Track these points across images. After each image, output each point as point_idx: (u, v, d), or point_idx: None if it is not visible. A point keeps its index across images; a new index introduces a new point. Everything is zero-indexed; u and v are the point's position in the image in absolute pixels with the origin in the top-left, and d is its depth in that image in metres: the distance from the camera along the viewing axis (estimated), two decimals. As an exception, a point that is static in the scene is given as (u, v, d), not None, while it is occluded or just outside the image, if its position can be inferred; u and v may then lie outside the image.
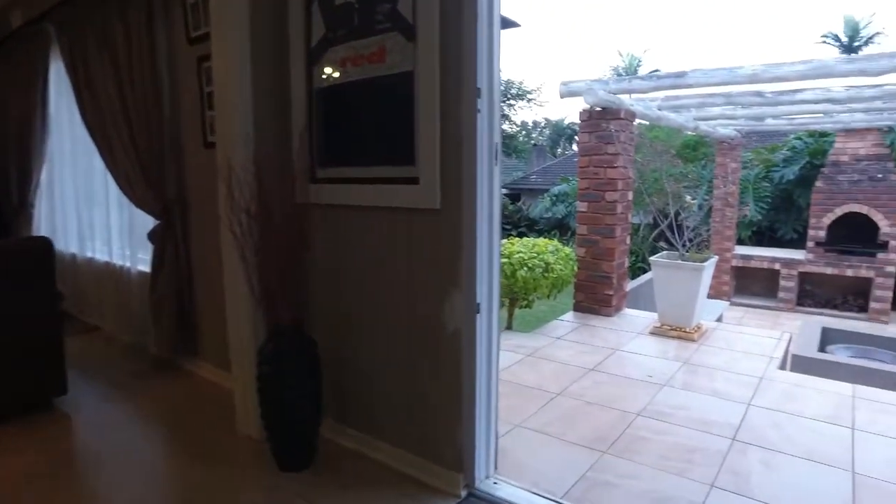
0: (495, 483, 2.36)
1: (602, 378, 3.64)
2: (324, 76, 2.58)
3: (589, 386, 3.51)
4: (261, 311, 2.50)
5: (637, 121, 5.83)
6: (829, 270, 8.80)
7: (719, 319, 7.39)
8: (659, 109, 6.14)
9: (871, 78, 4.36)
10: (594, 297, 5.08)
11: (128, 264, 4.09)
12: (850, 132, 8.67)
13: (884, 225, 8.43)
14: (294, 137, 2.67)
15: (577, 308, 5.20)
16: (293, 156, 2.68)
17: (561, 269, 4.50)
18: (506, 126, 20.22)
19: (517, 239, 4.83)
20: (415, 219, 2.29)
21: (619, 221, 4.91)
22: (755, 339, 4.43)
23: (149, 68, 3.39)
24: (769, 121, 7.71)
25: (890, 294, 8.45)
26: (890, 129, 8.94)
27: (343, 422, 2.73)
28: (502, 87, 18.21)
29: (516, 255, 4.44)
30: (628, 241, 5.17)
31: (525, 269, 4.37)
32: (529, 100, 20.05)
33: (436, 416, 2.38)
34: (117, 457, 2.65)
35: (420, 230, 2.30)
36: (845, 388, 3.49)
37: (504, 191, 17.18)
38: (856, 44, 24.06)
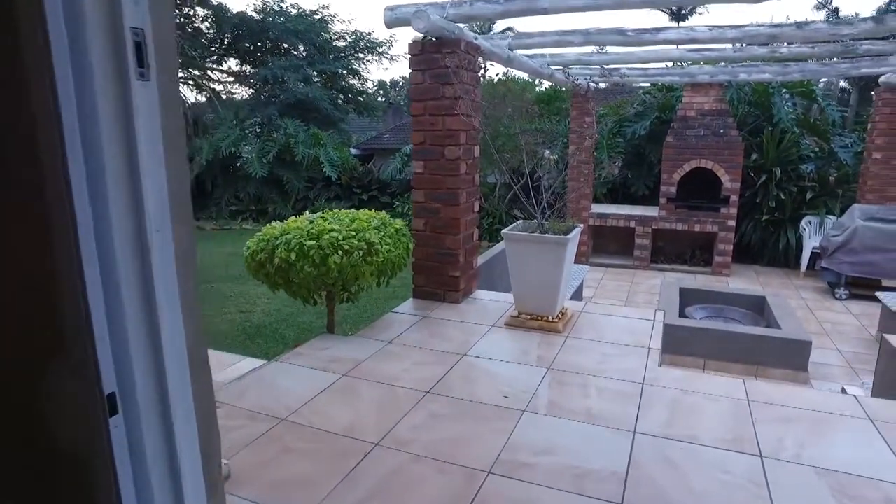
0: None
1: (442, 406, 2.62)
2: None
3: (423, 423, 2.47)
4: None
5: (486, 65, 4.80)
6: (679, 226, 8.71)
7: (581, 287, 6.87)
8: (510, 49, 5.17)
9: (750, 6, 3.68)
10: (437, 280, 4.04)
11: None
12: (696, 87, 8.51)
13: (726, 180, 8.44)
14: None
15: (418, 294, 4.14)
16: None
17: (389, 250, 3.39)
18: (355, 82, 18.52)
19: (332, 212, 3.62)
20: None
21: (463, 184, 3.86)
22: (627, 322, 3.68)
23: None
24: (624, 69, 7.16)
25: (731, 248, 8.57)
26: (729, 84, 8.95)
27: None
28: (350, 39, 16.32)
29: (328, 235, 3.24)
30: (477, 207, 4.18)
31: (339, 253, 3.20)
32: (380, 53, 18.43)
33: None
34: None
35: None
36: (736, 387, 2.79)
37: (355, 151, 15.78)
38: (683, 12, 25.63)
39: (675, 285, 6.64)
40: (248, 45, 17.54)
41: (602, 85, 10.43)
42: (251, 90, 17.77)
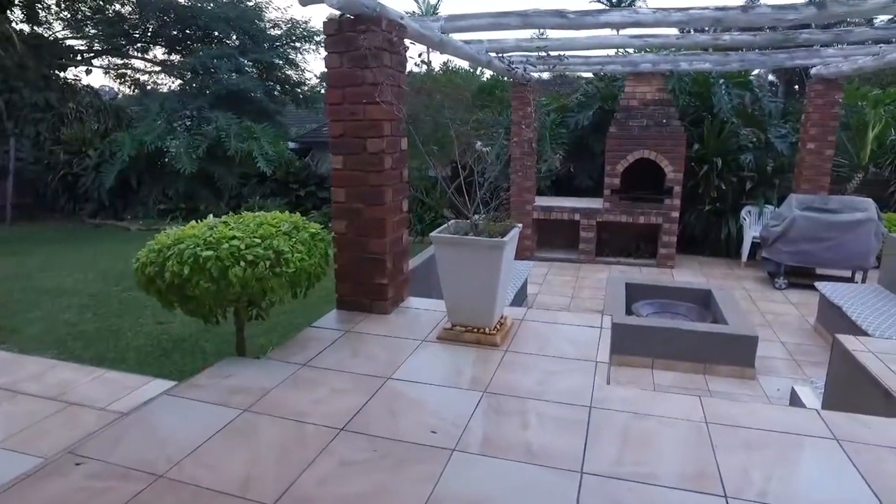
0: None
1: (358, 448, 2.19)
2: None
3: (332, 473, 2.04)
4: None
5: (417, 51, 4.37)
6: (624, 219, 8.56)
7: (525, 284, 6.59)
8: (443, 32, 4.76)
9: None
10: (363, 289, 3.59)
11: None
12: (638, 76, 8.36)
13: (669, 171, 8.35)
14: None
15: (342, 305, 3.68)
16: None
17: (302, 259, 2.93)
18: (292, 72, 17.67)
19: (237, 216, 3.12)
20: None
21: (388, 181, 3.42)
22: (572, 331, 3.35)
23: None
24: (565, 56, 6.88)
25: (675, 239, 8.51)
26: (671, 74, 8.86)
27: None
28: (285, 27, 15.57)
29: (227, 244, 2.76)
30: (406, 207, 3.75)
31: (241, 264, 2.73)
32: (317, 42, 17.65)
33: None
34: None
35: None
36: (693, 407, 2.49)
37: (293, 145, 15.05)
38: (623, 4, 25.92)
39: (621, 281, 6.45)
40: (174, 32, 16.45)
41: (545, 76, 10.19)
42: (179, 81, 16.68)
